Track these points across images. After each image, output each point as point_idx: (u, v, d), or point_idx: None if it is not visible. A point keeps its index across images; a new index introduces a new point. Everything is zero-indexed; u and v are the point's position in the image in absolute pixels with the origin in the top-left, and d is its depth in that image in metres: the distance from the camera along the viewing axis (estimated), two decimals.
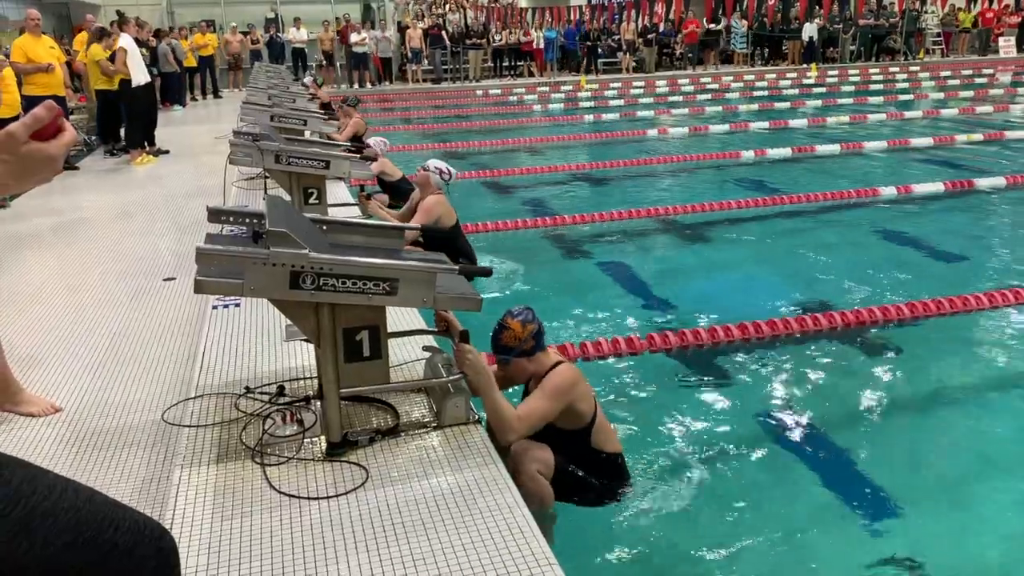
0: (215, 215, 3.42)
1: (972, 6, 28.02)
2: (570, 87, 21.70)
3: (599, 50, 25.44)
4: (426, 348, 3.56)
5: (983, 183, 9.01)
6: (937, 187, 8.85)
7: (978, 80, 20.93)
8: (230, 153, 6.39)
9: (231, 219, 3.44)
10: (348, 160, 6.41)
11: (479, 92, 21.53)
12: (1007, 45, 27.11)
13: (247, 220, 3.28)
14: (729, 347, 4.84)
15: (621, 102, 18.49)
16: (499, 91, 21.63)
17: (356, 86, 22.21)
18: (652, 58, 25.18)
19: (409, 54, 23.49)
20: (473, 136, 14.04)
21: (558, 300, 5.76)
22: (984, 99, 17.11)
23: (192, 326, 4.76)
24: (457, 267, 3.08)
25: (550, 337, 4.99)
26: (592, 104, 18.27)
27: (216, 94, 19.90)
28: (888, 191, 8.66)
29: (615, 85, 21.75)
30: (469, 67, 24.02)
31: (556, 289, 6.01)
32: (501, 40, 24.56)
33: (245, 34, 22.14)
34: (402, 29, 24.16)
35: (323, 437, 3.04)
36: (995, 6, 28.10)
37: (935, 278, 6.09)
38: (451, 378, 3.18)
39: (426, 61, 23.93)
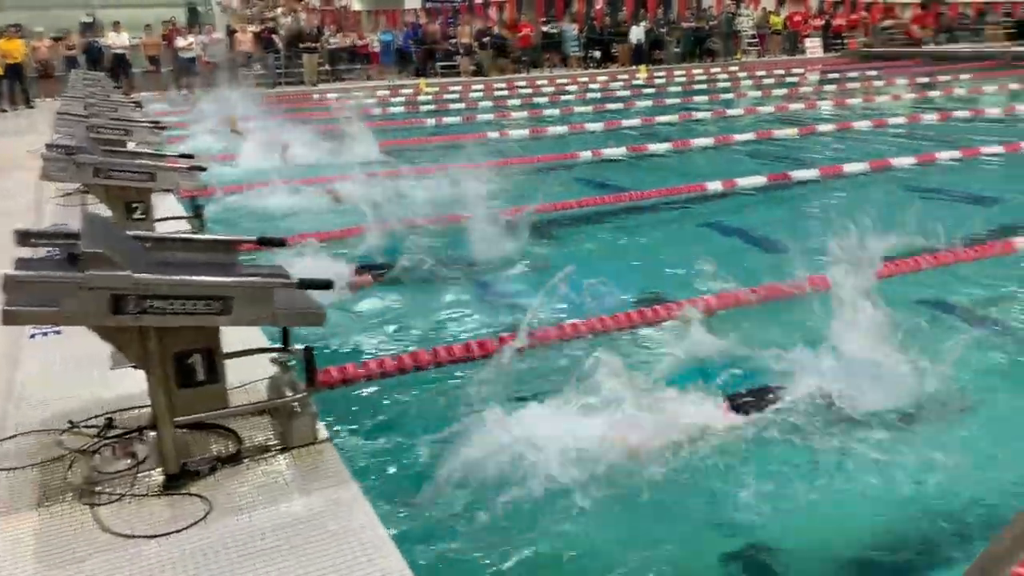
0: (24, 238, 3.14)
1: (782, 9, 30.12)
2: (410, 90, 21.62)
3: (436, 53, 25.48)
4: (274, 362, 3.40)
5: (799, 175, 9.66)
6: (759, 180, 9.42)
7: (789, 79, 22.49)
8: (43, 168, 5.92)
9: (43, 241, 3.17)
10: (175, 171, 6.09)
11: (316, 96, 21.07)
12: (813, 46, 29.36)
13: (61, 241, 3.03)
14: (577, 343, 4.93)
15: (462, 105, 18.59)
16: (337, 95, 21.24)
17: (184, 92, 21.18)
18: (489, 61, 25.47)
19: (241, 58, 22.68)
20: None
21: (406, 306, 5.70)
22: (796, 97, 18.41)
23: (6, 357, 4.36)
24: (296, 280, 2.97)
25: (401, 344, 4.93)
26: (433, 107, 18.27)
27: (28, 104, 18.42)
28: (715, 186, 9.13)
29: (455, 88, 21.84)
30: (304, 71, 23.45)
31: (403, 294, 5.93)
32: (336, 43, 24.12)
33: (57, 39, 20.61)
34: (231, 33, 23.27)
35: (159, 469, 2.86)
36: (802, 9, 30.39)
37: (761, 266, 6.45)
38: (296, 397, 3.07)
39: (258, 65, 23.17)
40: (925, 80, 20.38)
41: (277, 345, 3.29)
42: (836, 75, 22.67)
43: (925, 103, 16.75)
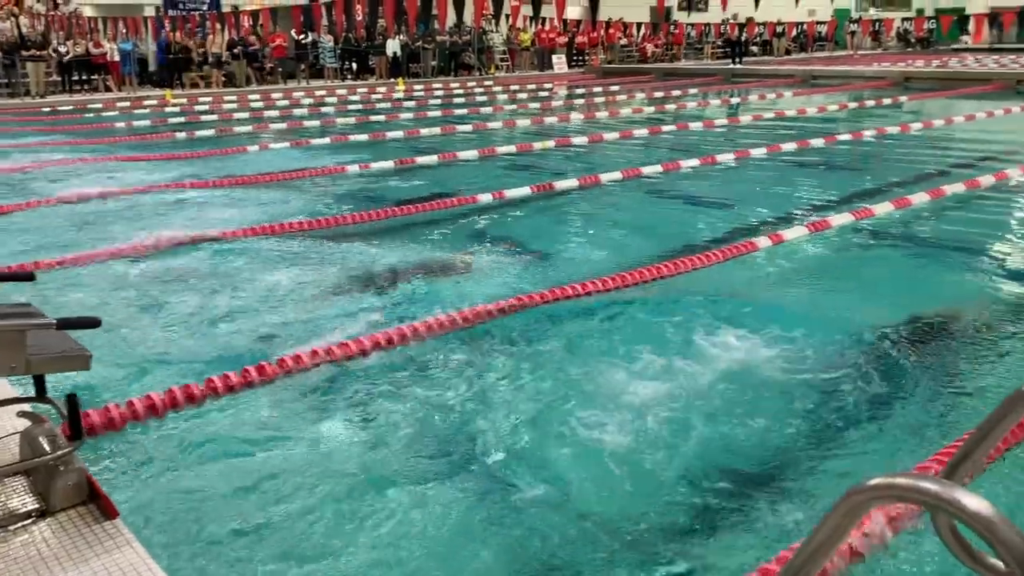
0: None
1: (530, 26, 31.60)
2: (155, 102, 20.25)
3: (184, 64, 24.02)
4: (24, 415, 2.98)
5: (561, 185, 10.11)
6: (525, 191, 9.73)
7: (542, 93, 23.58)
8: None
9: None
10: None
11: (46, 109, 19.14)
12: (559, 62, 31.10)
13: None
14: (358, 363, 4.77)
15: (215, 117, 17.70)
16: (71, 107, 19.43)
17: None
18: (243, 72, 24.43)
19: None
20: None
21: (163, 331, 5.30)
22: (550, 110, 19.33)
23: None
24: (54, 321, 2.63)
25: (172, 378, 4.51)
26: (183, 120, 17.20)
27: None
28: (485, 197, 9.31)
29: (205, 100, 20.73)
30: (29, 81, 21.20)
31: (156, 321, 5.49)
32: (67, 51, 22.03)
33: None
34: None
35: None
36: (547, 27, 32.06)
37: (535, 274, 6.66)
38: (59, 453, 2.70)
39: None
40: (660, 94, 22.18)
41: (31, 395, 2.89)
42: (583, 90, 24.08)
43: (663, 115, 18.22)
